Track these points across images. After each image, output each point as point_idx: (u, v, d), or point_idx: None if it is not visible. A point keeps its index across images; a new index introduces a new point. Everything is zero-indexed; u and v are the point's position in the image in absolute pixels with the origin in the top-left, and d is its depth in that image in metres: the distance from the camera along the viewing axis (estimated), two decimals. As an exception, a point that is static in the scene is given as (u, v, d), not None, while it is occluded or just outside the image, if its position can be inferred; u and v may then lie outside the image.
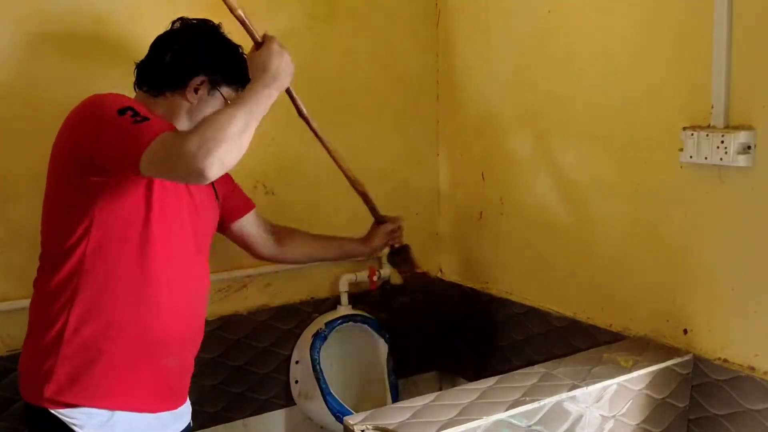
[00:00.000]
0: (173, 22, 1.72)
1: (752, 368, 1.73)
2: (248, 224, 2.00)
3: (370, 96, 2.52)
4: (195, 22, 1.72)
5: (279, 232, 2.06)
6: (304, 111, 1.78)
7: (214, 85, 1.68)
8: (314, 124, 1.82)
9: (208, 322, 2.21)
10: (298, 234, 2.09)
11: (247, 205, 1.99)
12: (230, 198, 1.97)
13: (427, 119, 2.64)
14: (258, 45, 1.60)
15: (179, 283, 1.68)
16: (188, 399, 1.79)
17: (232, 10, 1.57)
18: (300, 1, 2.33)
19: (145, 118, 1.46)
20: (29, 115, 1.95)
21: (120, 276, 1.58)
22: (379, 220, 2.07)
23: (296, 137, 2.36)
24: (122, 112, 1.47)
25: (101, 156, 1.50)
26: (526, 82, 2.28)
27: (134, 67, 1.72)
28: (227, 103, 1.71)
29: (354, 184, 1.98)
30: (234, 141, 1.39)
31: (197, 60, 1.66)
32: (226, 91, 1.71)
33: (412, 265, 2.13)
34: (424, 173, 2.67)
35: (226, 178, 1.92)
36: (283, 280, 2.37)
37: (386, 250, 2.21)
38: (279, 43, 1.58)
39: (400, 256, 2.16)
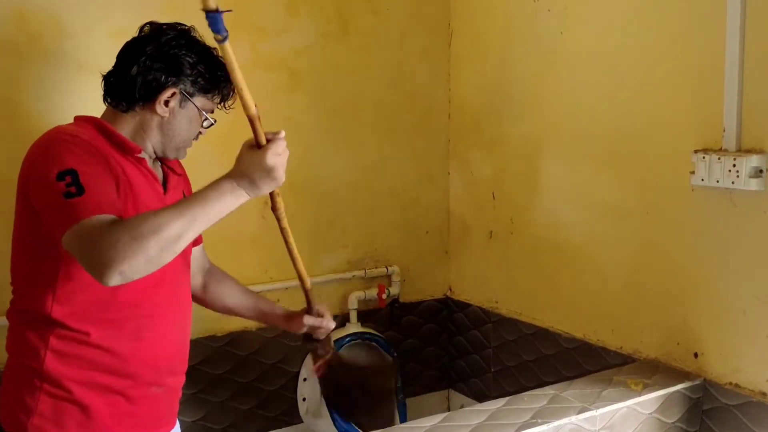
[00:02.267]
0: (141, 27, 1.56)
1: (764, 394, 1.71)
2: (193, 257, 1.78)
3: (382, 114, 2.53)
4: (164, 26, 1.55)
5: (212, 276, 1.86)
6: (279, 210, 1.57)
7: (185, 97, 1.53)
8: (284, 223, 1.62)
9: (217, 338, 2.25)
10: (229, 284, 1.88)
11: (197, 239, 1.79)
12: None
13: (438, 138, 2.65)
14: (258, 145, 1.38)
15: (165, 309, 1.57)
16: (177, 421, 1.71)
17: (245, 108, 1.34)
18: (314, 20, 2.35)
19: (80, 192, 1.33)
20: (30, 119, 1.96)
21: (93, 305, 1.47)
22: (309, 311, 1.86)
23: (310, 151, 2.39)
24: (61, 177, 1.34)
25: (40, 215, 1.41)
26: (538, 103, 2.28)
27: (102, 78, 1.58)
28: (201, 115, 1.57)
29: (302, 281, 1.78)
30: (147, 256, 1.26)
31: (165, 71, 1.50)
32: (200, 101, 1.56)
33: (322, 359, 2.00)
34: (435, 192, 2.67)
35: None
36: (292, 297, 2.36)
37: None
38: (279, 151, 1.37)
39: (313, 345, 2.02)
